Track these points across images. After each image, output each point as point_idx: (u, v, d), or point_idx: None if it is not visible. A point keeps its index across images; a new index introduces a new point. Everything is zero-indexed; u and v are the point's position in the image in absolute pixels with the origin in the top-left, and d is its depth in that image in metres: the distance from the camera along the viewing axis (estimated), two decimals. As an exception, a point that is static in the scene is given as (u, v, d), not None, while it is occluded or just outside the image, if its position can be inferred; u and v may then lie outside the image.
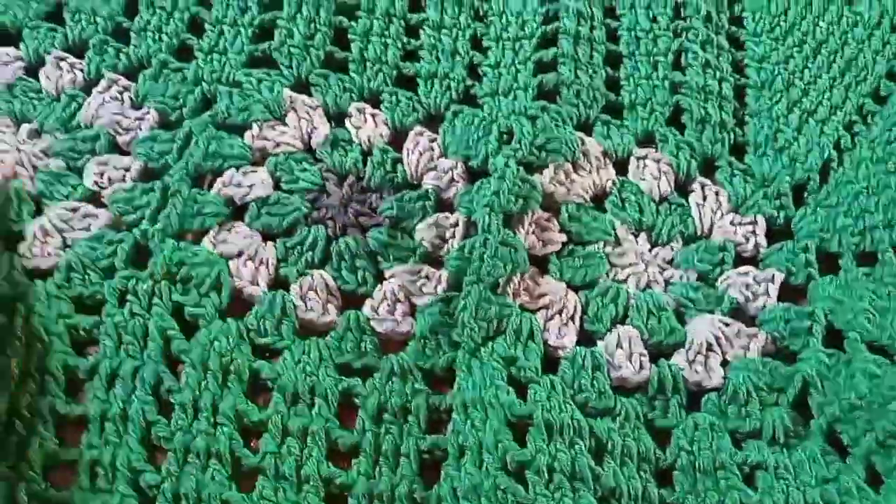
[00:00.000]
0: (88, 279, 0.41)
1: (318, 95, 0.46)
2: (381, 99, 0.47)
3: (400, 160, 0.45)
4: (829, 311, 0.42)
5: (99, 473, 0.37)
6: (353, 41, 0.48)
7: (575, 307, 0.42)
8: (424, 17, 0.49)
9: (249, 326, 0.40)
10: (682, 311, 0.43)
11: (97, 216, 0.42)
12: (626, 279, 0.43)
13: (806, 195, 0.46)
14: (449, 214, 0.44)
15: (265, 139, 0.45)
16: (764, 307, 0.43)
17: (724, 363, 0.41)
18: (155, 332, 0.40)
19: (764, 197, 0.45)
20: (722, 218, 0.45)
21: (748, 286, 0.43)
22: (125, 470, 0.37)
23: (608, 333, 0.41)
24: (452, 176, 0.45)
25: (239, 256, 0.42)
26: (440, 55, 0.48)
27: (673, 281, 0.43)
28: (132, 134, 0.44)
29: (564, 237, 0.44)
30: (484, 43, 0.49)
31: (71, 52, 0.46)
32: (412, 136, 0.46)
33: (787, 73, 0.49)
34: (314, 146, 0.45)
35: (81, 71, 0.46)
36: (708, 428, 0.39)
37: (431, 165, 0.45)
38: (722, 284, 0.43)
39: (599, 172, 0.45)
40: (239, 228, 0.43)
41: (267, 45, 0.48)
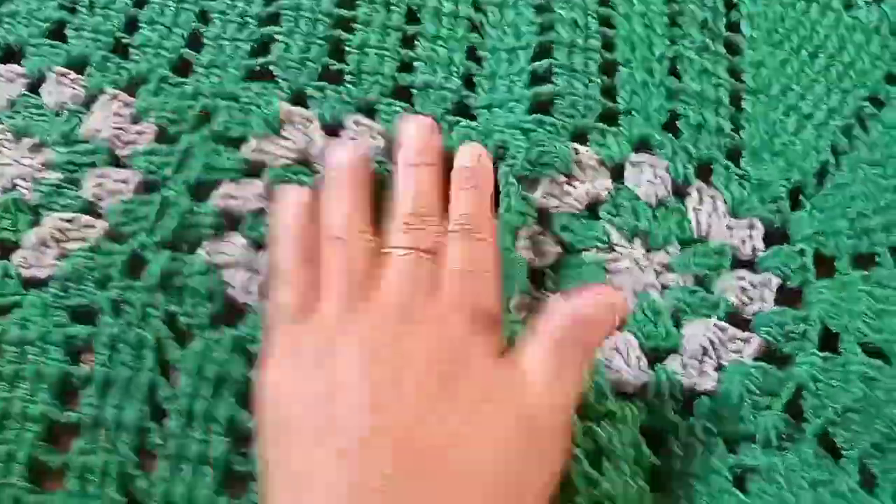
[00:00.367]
0: (84, 289, 0.41)
1: (314, 108, 0.47)
2: (377, 110, 0.47)
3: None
4: (825, 314, 0.42)
5: (90, 479, 0.38)
6: (349, 54, 0.48)
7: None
8: (420, 28, 0.50)
9: (243, 335, 0.41)
10: (678, 315, 0.42)
11: (94, 227, 0.43)
12: (622, 285, 0.43)
13: (803, 199, 0.45)
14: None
15: (262, 152, 0.45)
16: (759, 311, 0.42)
17: (718, 367, 0.41)
18: (150, 340, 0.40)
19: (760, 201, 0.45)
20: (718, 222, 0.45)
21: (744, 290, 0.43)
22: (116, 476, 0.38)
23: (606, 338, 0.41)
24: (448, 186, 0.45)
25: (233, 266, 0.42)
26: (436, 66, 0.48)
27: (669, 285, 0.43)
28: (131, 148, 0.45)
29: (559, 248, 0.44)
30: (479, 53, 0.49)
31: (72, 68, 0.47)
32: (407, 147, 0.46)
33: (783, 78, 0.49)
34: (311, 158, 0.45)
35: (83, 87, 0.47)
36: (701, 432, 0.39)
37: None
38: (718, 288, 0.43)
39: (594, 181, 0.45)
40: (234, 239, 0.43)
41: (265, 59, 0.48)
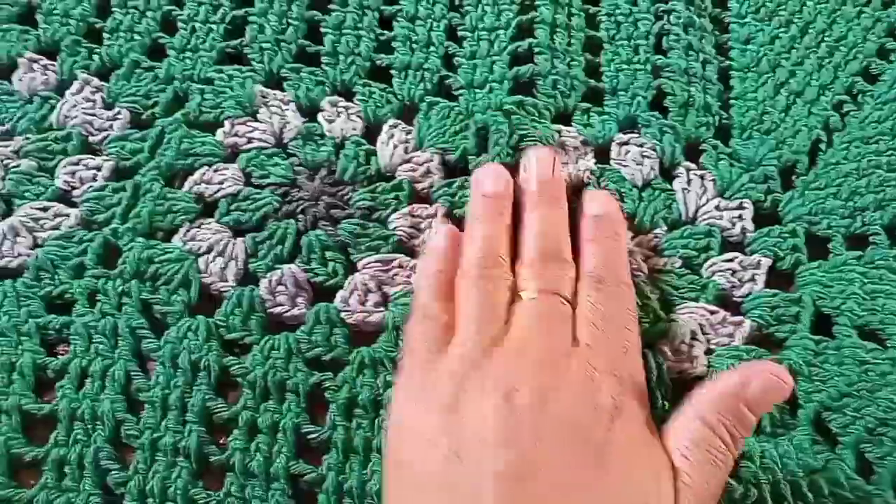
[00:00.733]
0: (58, 278, 0.41)
1: (290, 90, 0.46)
2: (354, 92, 0.46)
3: (374, 153, 0.44)
4: (817, 296, 0.41)
5: (66, 472, 0.37)
6: (325, 34, 0.47)
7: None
8: (398, 7, 0.48)
9: (218, 322, 0.40)
10: (667, 298, 0.41)
11: (68, 215, 0.42)
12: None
13: (794, 178, 0.44)
14: (426, 206, 0.43)
15: (237, 136, 0.44)
16: (750, 294, 0.41)
17: (708, 351, 0.40)
18: (125, 330, 0.39)
19: (750, 181, 0.44)
20: (708, 203, 0.44)
21: (734, 272, 0.42)
22: (92, 468, 0.37)
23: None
24: (428, 168, 0.44)
25: (209, 253, 0.41)
26: (414, 46, 0.47)
27: (656, 268, 0.42)
28: (104, 134, 0.44)
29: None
30: (459, 33, 0.48)
31: (43, 53, 0.46)
32: (386, 128, 0.45)
33: (773, 54, 0.47)
34: (286, 141, 0.44)
35: (54, 72, 0.46)
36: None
37: (406, 158, 0.44)
38: (707, 271, 0.42)
39: (578, 163, 0.44)
40: (209, 225, 0.42)
41: (239, 41, 0.47)
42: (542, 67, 0.46)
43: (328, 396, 0.39)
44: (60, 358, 0.39)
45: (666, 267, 0.42)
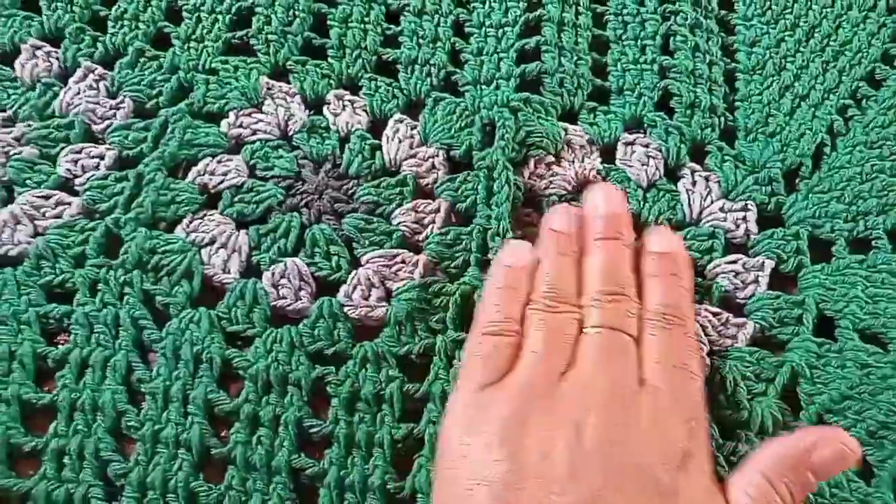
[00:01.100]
0: (59, 267, 0.40)
1: (295, 82, 0.45)
2: (360, 85, 0.46)
3: (379, 147, 0.44)
4: (820, 299, 0.41)
5: (66, 463, 0.37)
6: (332, 27, 0.47)
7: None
8: (406, 2, 0.48)
9: (221, 314, 0.40)
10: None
11: (70, 204, 0.42)
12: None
13: (798, 181, 0.44)
14: (430, 201, 0.43)
15: (241, 127, 0.44)
16: (753, 295, 0.41)
17: (711, 353, 0.40)
18: (126, 321, 0.39)
19: (755, 183, 0.44)
20: (712, 204, 0.44)
21: (737, 274, 0.42)
22: (93, 459, 0.37)
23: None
24: (433, 164, 0.44)
25: (211, 244, 0.41)
26: (421, 41, 0.47)
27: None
28: (107, 122, 0.44)
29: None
30: (466, 29, 0.48)
31: (47, 40, 0.46)
32: (392, 122, 0.45)
33: (778, 56, 0.47)
34: (291, 133, 0.44)
35: (57, 59, 0.45)
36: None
37: (411, 153, 0.44)
38: (711, 272, 0.42)
39: (584, 161, 0.44)
40: (212, 216, 0.42)
41: (245, 32, 0.47)
42: (548, 65, 0.46)
43: (330, 390, 0.38)
44: (61, 347, 0.39)
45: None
